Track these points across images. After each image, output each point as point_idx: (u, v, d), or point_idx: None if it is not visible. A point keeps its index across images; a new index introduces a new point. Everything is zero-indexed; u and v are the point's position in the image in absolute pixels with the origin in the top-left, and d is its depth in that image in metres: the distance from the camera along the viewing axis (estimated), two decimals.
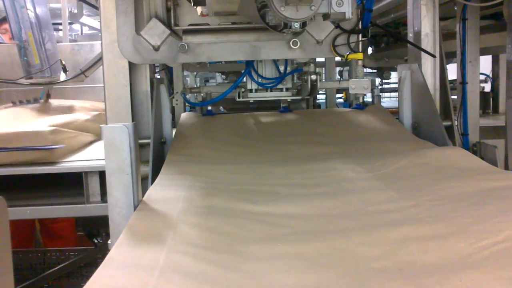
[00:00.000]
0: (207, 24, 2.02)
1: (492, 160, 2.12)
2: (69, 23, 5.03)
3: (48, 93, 3.33)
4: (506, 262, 1.01)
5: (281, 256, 1.13)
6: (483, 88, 4.41)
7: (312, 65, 2.55)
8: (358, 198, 1.50)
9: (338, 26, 2.12)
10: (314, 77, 2.55)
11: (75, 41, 5.17)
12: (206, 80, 5.28)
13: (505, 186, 1.45)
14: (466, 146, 2.48)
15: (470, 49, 2.56)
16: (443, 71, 2.33)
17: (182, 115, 2.66)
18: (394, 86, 5.37)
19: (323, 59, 4.43)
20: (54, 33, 3.53)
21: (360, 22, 2.14)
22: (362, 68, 2.42)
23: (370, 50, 4.46)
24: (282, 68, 2.61)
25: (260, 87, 2.62)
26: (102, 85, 2.10)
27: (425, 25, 2.28)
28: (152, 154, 1.96)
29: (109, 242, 1.47)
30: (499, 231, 1.13)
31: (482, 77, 4.26)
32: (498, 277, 0.95)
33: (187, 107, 3.60)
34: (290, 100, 2.69)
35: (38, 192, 2.42)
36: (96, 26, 5.18)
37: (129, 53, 2.05)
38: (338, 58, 2.65)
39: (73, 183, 2.33)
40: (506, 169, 2.24)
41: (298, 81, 2.76)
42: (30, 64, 3.16)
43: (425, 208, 1.36)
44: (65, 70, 3.27)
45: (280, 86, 2.62)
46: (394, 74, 4.81)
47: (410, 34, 2.37)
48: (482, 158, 2.06)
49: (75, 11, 4.88)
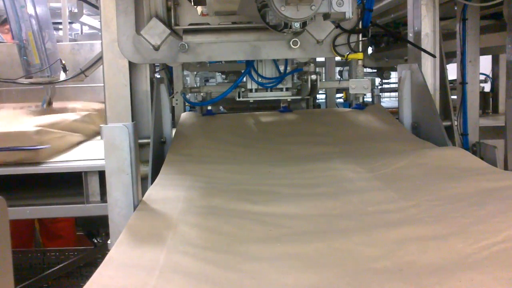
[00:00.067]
0: (207, 23, 2.02)
1: (491, 160, 2.11)
2: (69, 23, 5.03)
3: (50, 100, 3.33)
4: (506, 263, 1.01)
5: (281, 256, 1.12)
6: (483, 88, 4.42)
7: (312, 65, 2.54)
8: (358, 198, 1.50)
9: (338, 26, 2.12)
10: (314, 77, 2.55)
11: (75, 40, 5.18)
12: (206, 79, 5.28)
13: (504, 186, 1.45)
14: (465, 146, 2.47)
15: (470, 49, 2.56)
16: (443, 71, 2.33)
17: (182, 115, 2.66)
18: (394, 86, 5.37)
19: (323, 59, 4.44)
20: (54, 32, 3.53)
21: (360, 22, 2.14)
22: (362, 68, 2.42)
23: (370, 50, 4.47)
24: (282, 68, 2.60)
25: (260, 87, 2.61)
26: (102, 84, 2.11)
27: (425, 25, 2.28)
28: (152, 154, 1.96)
29: (108, 242, 1.46)
30: (499, 232, 1.13)
31: (482, 77, 4.27)
32: (497, 277, 0.95)
33: (187, 107, 3.60)
34: (290, 100, 2.68)
35: (38, 192, 2.41)
36: (96, 26, 5.18)
37: (129, 52, 2.05)
38: (338, 58, 2.65)
39: (72, 183, 2.33)
40: (505, 169, 2.23)
41: (298, 81, 2.76)
42: (30, 63, 3.16)
43: (425, 208, 1.36)
44: (65, 70, 3.27)
45: (280, 86, 2.62)
46: (394, 74, 4.81)
47: (410, 34, 2.38)
48: (481, 158, 2.05)
49: (75, 11, 4.88)
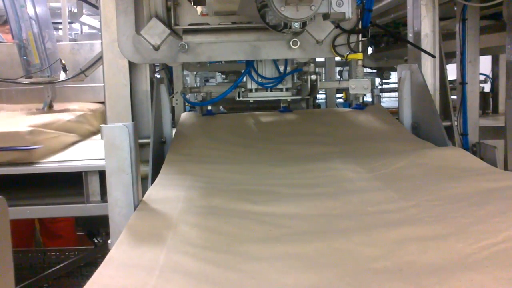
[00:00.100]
0: (207, 23, 2.02)
1: (491, 160, 2.11)
2: (69, 22, 5.02)
3: (50, 103, 3.33)
4: (506, 263, 1.01)
5: (281, 256, 1.13)
6: (483, 88, 4.42)
7: (312, 65, 2.54)
8: (358, 198, 1.50)
9: (338, 26, 2.13)
10: (314, 77, 2.55)
11: (75, 40, 5.17)
12: (206, 79, 5.28)
13: (504, 186, 1.45)
14: (465, 146, 2.48)
15: (469, 49, 2.56)
16: (443, 71, 2.33)
17: (182, 115, 2.66)
18: (394, 86, 5.36)
19: (323, 59, 4.43)
20: (54, 32, 3.53)
21: (360, 22, 2.15)
22: (362, 68, 2.42)
23: (370, 50, 4.47)
24: (282, 68, 2.60)
25: (260, 87, 2.61)
26: (102, 84, 2.11)
27: (425, 25, 2.28)
28: (152, 154, 1.96)
29: (109, 241, 1.47)
30: (499, 232, 1.13)
31: (481, 77, 4.26)
32: (497, 277, 0.95)
33: (187, 107, 3.60)
34: (290, 100, 2.68)
35: (38, 191, 2.42)
36: (96, 26, 5.18)
37: (129, 52, 2.05)
38: (338, 58, 2.65)
39: (72, 183, 2.33)
40: (505, 169, 2.24)
41: (298, 81, 2.76)
42: (30, 63, 3.16)
43: (425, 208, 1.36)
44: (65, 70, 3.27)
45: (280, 86, 2.62)
46: (394, 74, 4.81)
47: (410, 34, 2.38)
48: (481, 159, 2.06)
49: (75, 10, 4.88)
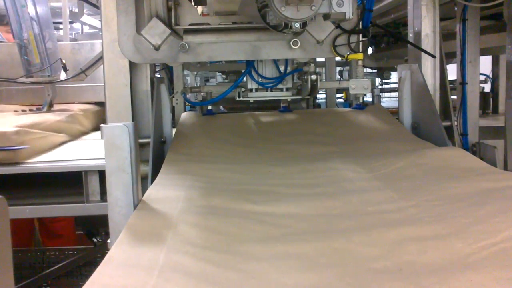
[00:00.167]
0: (208, 23, 2.02)
1: (491, 160, 2.12)
2: (69, 22, 5.02)
3: (51, 102, 3.33)
4: (505, 263, 1.01)
5: (281, 256, 1.13)
6: (483, 88, 4.42)
7: (312, 65, 2.54)
8: (358, 198, 1.50)
9: (338, 26, 2.13)
10: (314, 77, 2.55)
11: (76, 40, 5.17)
12: (206, 79, 5.28)
13: (504, 186, 1.45)
14: (465, 146, 2.48)
15: (470, 49, 2.56)
16: (443, 72, 2.33)
17: (182, 115, 2.66)
18: (394, 86, 5.37)
19: (323, 59, 4.44)
20: (55, 32, 3.53)
21: (360, 22, 2.15)
22: (362, 68, 2.42)
23: (370, 50, 4.47)
24: (282, 68, 2.60)
25: (260, 87, 2.61)
26: (102, 84, 2.11)
27: (425, 25, 2.28)
28: (152, 154, 1.96)
29: (108, 241, 1.47)
30: (498, 232, 1.13)
31: (482, 77, 4.27)
32: (496, 277, 0.95)
33: (187, 107, 3.60)
34: (290, 100, 2.68)
35: (38, 191, 2.42)
36: (96, 25, 5.18)
37: (129, 52, 2.05)
38: (338, 58, 2.65)
39: (72, 183, 2.33)
40: (505, 169, 2.24)
41: (298, 81, 2.76)
42: (30, 63, 3.16)
43: (424, 208, 1.37)
44: (65, 69, 3.27)
45: (280, 86, 2.62)
46: (394, 74, 4.81)
47: (410, 35, 2.38)
48: (481, 159, 2.06)
49: (76, 10, 4.88)
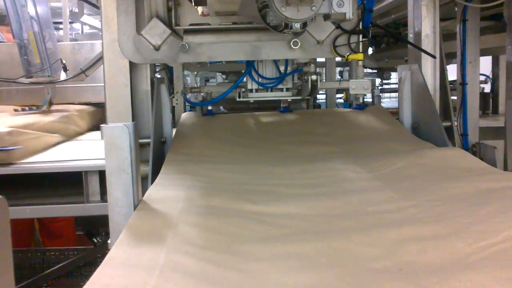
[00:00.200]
0: (208, 24, 2.03)
1: (491, 160, 2.12)
2: (69, 22, 5.02)
3: (50, 101, 3.33)
4: (505, 263, 1.01)
5: (281, 256, 1.13)
6: (483, 89, 4.42)
7: (312, 65, 2.54)
8: (358, 198, 1.50)
9: (338, 26, 2.13)
10: (314, 77, 2.55)
11: (76, 40, 5.17)
12: (207, 79, 5.29)
13: (504, 186, 1.45)
14: (465, 146, 2.48)
15: (470, 50, 2.56)
16: (443, 72, 2.33)
17: (182, 115, 2.66)
18: (394, 86, 5.37)
19: (324, 59, 4.44)
20: (55, 32, 3.53)
21: (360, 23, 2.15)
22: (363, 68, 2.42)
23: (370, 50, 4.47)
24: (282, 68, 2.61)
25: (260, 87, 2.61)
26: (102, 84, 2.11)
27: (425, 25, 2.28)
28: (152, 154, 1.96)
29: (109, 241, 1.47)
30: (498, 232, 1.13)
31: (482, 78, 4.27)
32: (496, 277, 0.96)
33: (187, 107, 3.60)
34: (290, 100, 2.68)
35: (38, 191, 2.42)
36: (97, 25, 5.18)
37: (129, 52, 2.05)
38: (338, 59, 2.65)
39: (72, 183, 2.33)
40: (505, 169, 2.24)
41: (298, 81, 2.76)
42: (30, 63, 3.16)
43: (424, 208, 1.37)
44: (65, 69, 3.27)
45: (280, 86, 2.62)
46: (394, 75, 4.82)
47: (411, 35, 2.38)
48: (481, 159, 2.06)
49: (76, 10, 4.88)
